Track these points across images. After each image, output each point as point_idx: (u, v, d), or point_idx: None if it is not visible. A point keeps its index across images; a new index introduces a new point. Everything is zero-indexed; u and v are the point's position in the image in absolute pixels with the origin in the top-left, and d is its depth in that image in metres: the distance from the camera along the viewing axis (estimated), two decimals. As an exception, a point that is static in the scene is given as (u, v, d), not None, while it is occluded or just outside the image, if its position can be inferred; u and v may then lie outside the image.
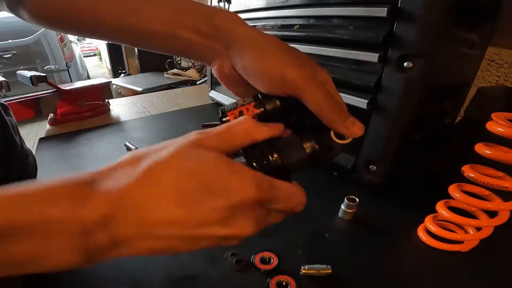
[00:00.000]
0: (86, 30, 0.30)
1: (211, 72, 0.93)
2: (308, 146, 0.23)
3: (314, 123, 0.24)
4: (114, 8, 0.27)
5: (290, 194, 0.22)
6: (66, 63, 3.19)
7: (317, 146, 0.23)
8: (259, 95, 0.25)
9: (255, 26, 0.62)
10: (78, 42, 4.04)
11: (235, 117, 0.24)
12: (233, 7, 0.72)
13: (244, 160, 0.23)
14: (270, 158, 0.22)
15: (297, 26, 0.52)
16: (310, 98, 0.23)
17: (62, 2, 0.28)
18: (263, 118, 0.24)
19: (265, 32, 0.27)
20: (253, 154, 0.22)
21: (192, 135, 0.21)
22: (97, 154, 0.65)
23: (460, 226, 0.41)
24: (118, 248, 0.18)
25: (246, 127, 0.22)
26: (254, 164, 0.22)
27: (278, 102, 0.25)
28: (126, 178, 0.19)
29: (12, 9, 0.31)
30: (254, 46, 0.25)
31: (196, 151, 0.20)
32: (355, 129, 0.24)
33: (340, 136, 0.24)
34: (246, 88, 0.27)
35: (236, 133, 0.22)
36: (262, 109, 0.24)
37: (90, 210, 0.17)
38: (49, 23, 0.30)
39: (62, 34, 3.13)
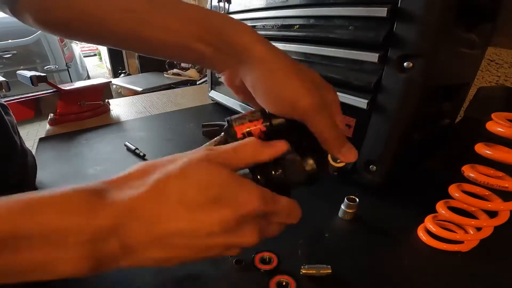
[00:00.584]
0: (96, 39, 0.30)
1: (211, 72, 0.93)
2: (307, 165, 0.25)
3: (314, 144, 0.26)
4: (124, 17, 0.26)
5: (290, 208, 0.24)
6: (66, 63, 3.19)
7: (315, 166, 0.25)
8: (267, 111, 0.26)
9: (255, 26, 0.62)
10: (78, 42, 4.04)
11: (243, 135, 0.25)
12: (233, 7, 0.72)
13: (249, 172, 0.24)
14: (273, 173, 0.24)
15: (297, 26, 0.52)
16: (316, 126, 0.25)
17: (69, 10, 0.27)
18: (268, 132, 0.25)
19: (265, 32, 0.27)
20: (258, 169, 0.24)
21: (202, 151, 0.22)
22: (97, 154, 0.65)
23: (460, 226, 0.41)
24: (128, 257, 0.19)
25: (252, 149, 0.23)
26: (259, 177, 0.24)
27: (284, 120, 0.26)
28: (137, 189, 0.19)
29: (16, 15, 0.30)
30: (267, 67, 0.25)
31: (206, 166, 0.20)
32: (350, 156, 0.26)
33: (336, 159, 0.27)
34: (253, 98, 0.28)
35: (243, 153, 0.22)
36: (268, 123, 0.25)
37: (101, 219, 0.17)
38: (56, 31, 0.30)
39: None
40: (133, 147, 0.65)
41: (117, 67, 3.69)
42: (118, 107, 0.96)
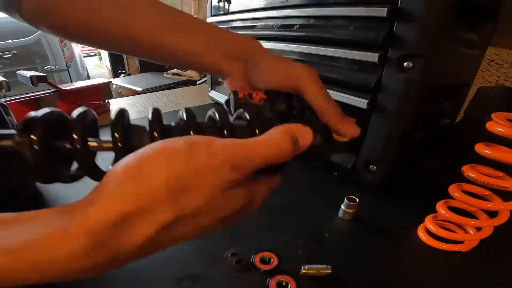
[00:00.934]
0: (116, 46, 0.31)
1: (211, 72, 0.93)
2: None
3: (317, 123, 0.26)
4: (148, 25, 0.28)
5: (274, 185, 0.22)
6: (66, 63, 3.19)
7: (319, 138, 0.24)
8: (270, 94, 0.27)
9: (255, 26, 0.62)
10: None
11: (244, 96, 0.27)
12: (233, 7, 0.72)
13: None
14: None
15: (297, 26, 0.52)
16: (312, 93, 0.26)
17: (68, 12, 0.27)
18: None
19: (265, 32, 0.28)
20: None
21: (223, 173, 0.18)
22: (97, 154, 0.65)
23: (460, 226, 0.41)
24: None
25: (283, 148, 0.19)
26: None
27: (285, 105, 0.27)
28: (163, 215, 0.17)
29: (26, 20, 0.30)
30: (270, 56, 0.30)
31: (218, 192, 0.18)
32: (352, 128, 0.26)
33: (339, 134, 0.26)
34: None
35: (279, 156, 0.19)
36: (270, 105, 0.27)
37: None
38: (59, 33, 0.30)
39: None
40: (133, 147, 0.65)
41: (117, 67, 3.69)
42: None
